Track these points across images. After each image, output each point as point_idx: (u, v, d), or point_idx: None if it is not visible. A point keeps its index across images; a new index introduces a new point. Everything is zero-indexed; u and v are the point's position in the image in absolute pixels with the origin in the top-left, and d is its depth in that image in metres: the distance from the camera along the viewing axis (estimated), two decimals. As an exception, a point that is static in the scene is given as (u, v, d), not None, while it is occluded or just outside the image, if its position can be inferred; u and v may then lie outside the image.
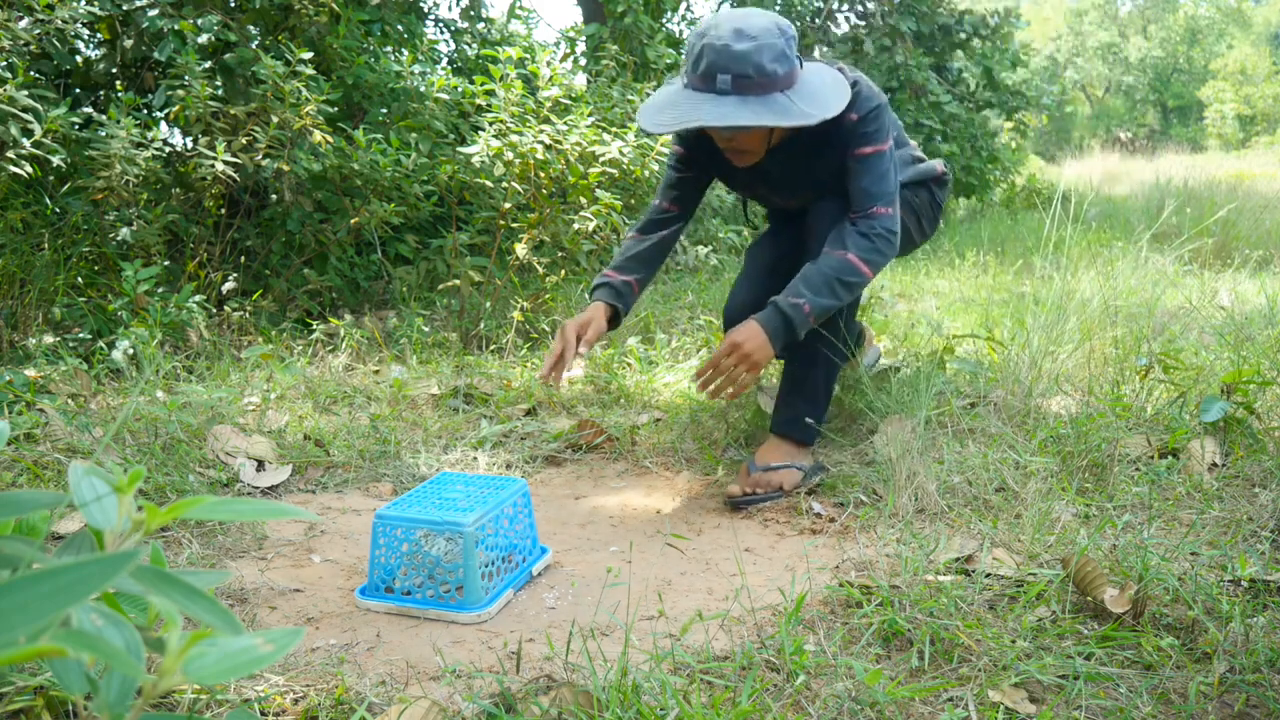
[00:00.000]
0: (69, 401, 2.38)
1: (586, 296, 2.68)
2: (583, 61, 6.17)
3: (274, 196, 3.68)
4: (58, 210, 3.38)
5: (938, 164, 2.22)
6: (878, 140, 1.88)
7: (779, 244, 2.22)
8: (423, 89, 4.09)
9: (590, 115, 4.18)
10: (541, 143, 3.86)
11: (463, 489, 1.57)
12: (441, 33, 5.36)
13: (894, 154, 1.95)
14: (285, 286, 3.63)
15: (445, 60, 5.29)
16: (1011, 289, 4.11)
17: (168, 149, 3.51)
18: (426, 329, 3.29)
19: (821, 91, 1.78)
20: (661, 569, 1.61)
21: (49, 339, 2.85)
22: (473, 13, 5.25)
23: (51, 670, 0.80)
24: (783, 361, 2.11)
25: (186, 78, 3.30)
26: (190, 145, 3.56)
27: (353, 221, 3.62)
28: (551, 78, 4.22)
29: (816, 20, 7.82)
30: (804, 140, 1.93)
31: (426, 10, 5.01)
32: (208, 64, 3.50)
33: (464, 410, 2.54)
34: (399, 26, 4.33)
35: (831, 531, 1.75)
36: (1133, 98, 30.51)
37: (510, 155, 3.78)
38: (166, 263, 3.40)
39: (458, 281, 3.56)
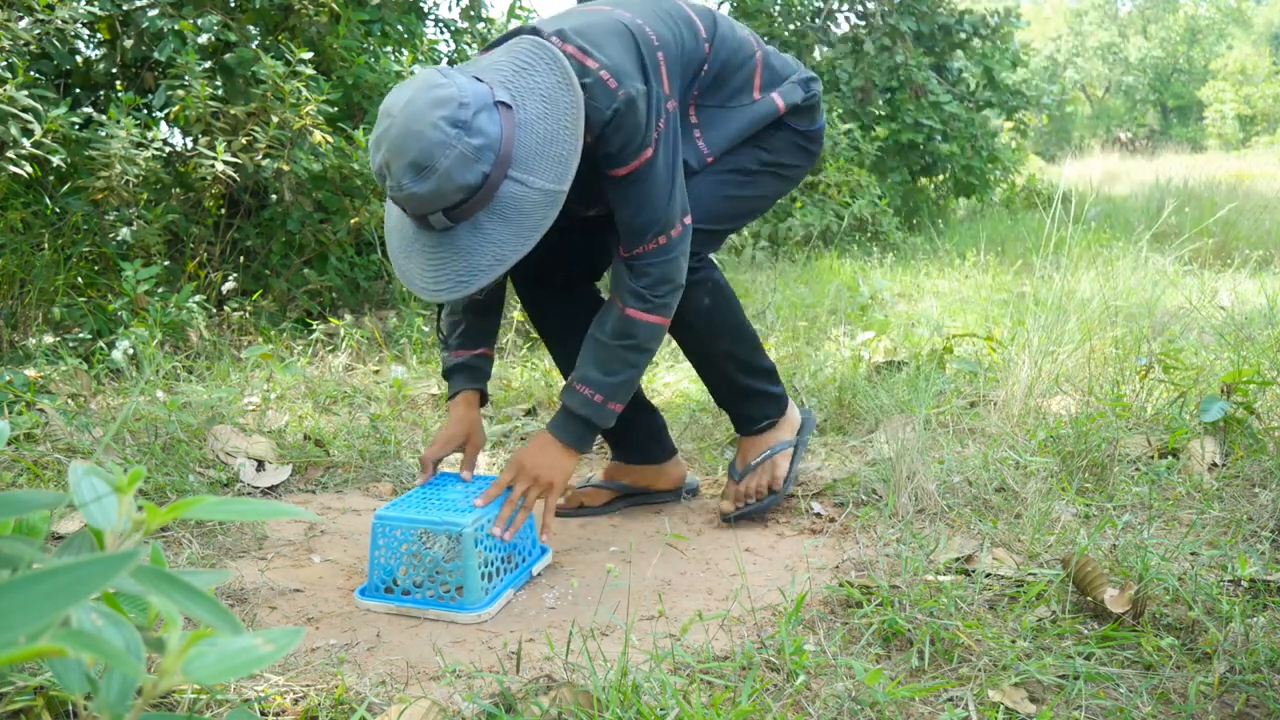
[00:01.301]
0: (69, 401, 2.38)
1: (444, 387, 2.43)
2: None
3: (274, 196, 3.68)
4: (58, 210, 3.38)
5: (776, 98, 1.70)
6: (631, 155, 1.48)
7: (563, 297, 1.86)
8: (423, 89, 4.08)
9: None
10: (541, 143, 3.85)
11: (462, 489, 1.57)
12: (441, 33, 5.36)
13: (670, 141, 1.53)
14: (285, 286, 3.62)
15: (445, 60, 5.28)
16: (1011, 289, 4.11)
17: (168, 149, 3.51)
18: (426, 329, 3.29)
19: (549, 133, 1.40)
20: (661, 569, 1.61)
21: (49, 339, 2.85)
22: (473, 13, 5.24)
23: (51, 670, 0.80)
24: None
25: (186, 78, 3.29)
26: (190, 145, 3.56)
27: (353, 221, 3.62)
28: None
29: (816, 20, 7.82)
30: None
31: (426, 10, 5.00)
32: (208, 64, 3.50)
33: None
34: (399, 26, 4.33)
35: (831, 531, 1.75)
36: (1133, 98, 30.51)
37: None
38: (166, 263, 3.40)
39: (458, 281, 3.55)
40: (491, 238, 1.38)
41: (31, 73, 3.20)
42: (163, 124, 3.59)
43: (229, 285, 3.61)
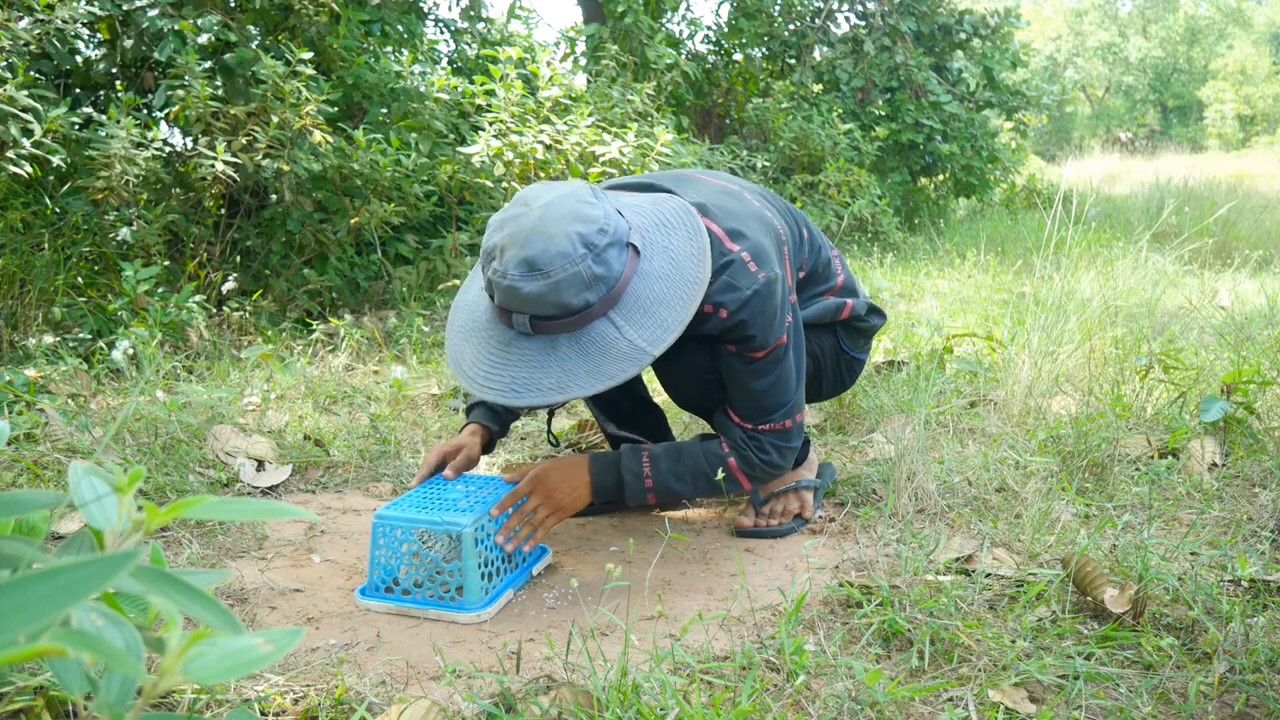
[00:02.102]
0: (69, 401, 2.38)
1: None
2: (583, 61, 6.17)
3: (274, 196, 3.68)
4: (58, 210, 3.38)
5: (848, 302, 1.76)
6: (771, 338, 1.48)
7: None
8: (423, 89, 4.09)
9: (590, 115, 4.18)
10: (541, 143, 3.86)
11: (462, 489, 1.57)
12: (441, 33, 5.36)
13: (797, 330, 1.57)
14: (285, 286, 3.63)
15: (445, 60, 5.29)
16: (1011, 289, 4.11)
17: (168, 149, 3.51)
18: (426, 329, 3.29)
19: (664, 293, 1.37)
20: (661, 569, 1.61)
21: (49, 339, 2.85)
22: (473, 13, 5.25)
23: (51, 670, 0.80)
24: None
25: (186, 78, 3.30)
26: (190, 145, 3.56)
27: (353, 221, 3.62)
28: (551, 78, 4.22)
29: (816, 20, 7.82)
30: None
31: (426, 10, 5.00)
32: (208, 64, 3.50)
33: (464, 410, 2.54)
34: (399, 26, 4.33)
35: (831, 531, 1.75)
36: (1133, 98, 30.52)
37: (510, 155, 3.78)
38: (166, 263, 3.40)
39: (458, 281, 3.56)
40: (564, 364, 1.35)
41: (31, 73, 3.21)
42: (163, 124, 3.60)
43: (229, 285, 3.61)
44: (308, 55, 3.39)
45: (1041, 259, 2.86)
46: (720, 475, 1.56)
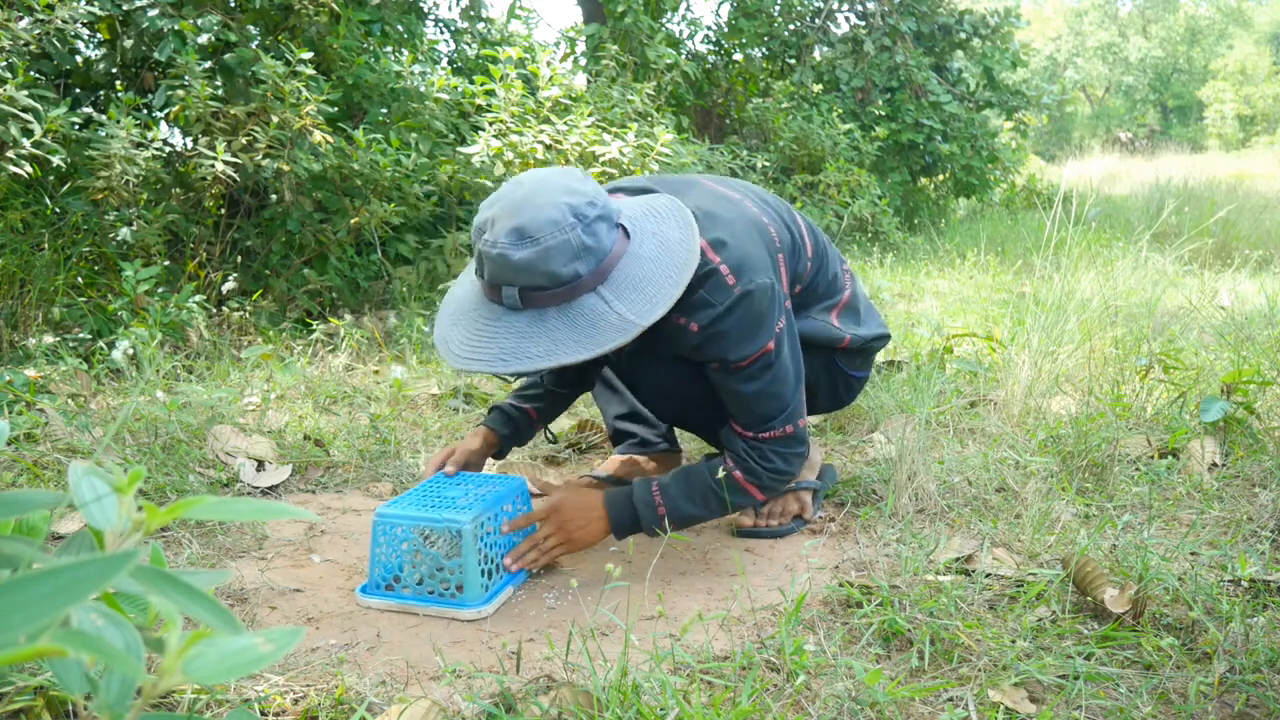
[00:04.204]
0: (69, 401, 2.38)
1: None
2: (583, 61, 6.17)
3: (274, 196, 3.68)
4: (58, 210, 3.38)
5: (846, 336, 1.73)
6: (753, 346, 1.46)
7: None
8: (423, 89, 4.09)
9: (590, 115, 4.18)
10: (541, 143, 3.86)
11: (462, 488, 1.57)
12: (441, 33, 5.36)
13: (790, 335, 1.55)
14: (285, 286, 3.63)
15: (445, 60, 5.29)
16: (1011, 289, 4.11)
17: (168, 149, 3.51)
18: (426, 329, 3.29)
19: (652, 272, 1.37)
20: (661, 569, 1.61)
21: (49, 339, 2.85)
22: (473, 13, 5.25)
23: (51, 670, 0.80)
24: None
25: (186, 78, 3.30)
26: (190, 145, 3.56)
27: (353, 221, 3.62)
28: (551, 78, 4.22)
29: (816, 20, 7.82)
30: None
31: (426, 10, 5.00)
32: (208, 64, 3.50)
33: (464, 410, 2.54)
34: (399, 26, 4.33)
35: (831, 531, 1.75)
36: (1133, 98, 30.52)
37: (510, 155, 3.78)
38: (166, 263, 3.40)
39: (458, 281, 3.56)
40: (552, 335, 1.34)
41: (31, 73, 3.21)
42: (163, 124, 3.60)
43: (229, 285, 3.61)
44: (308, 55, 3.39)
45: (1041, 259, 2.86)
46: (725, 490, 1.55)
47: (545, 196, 1.34)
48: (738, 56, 7.43)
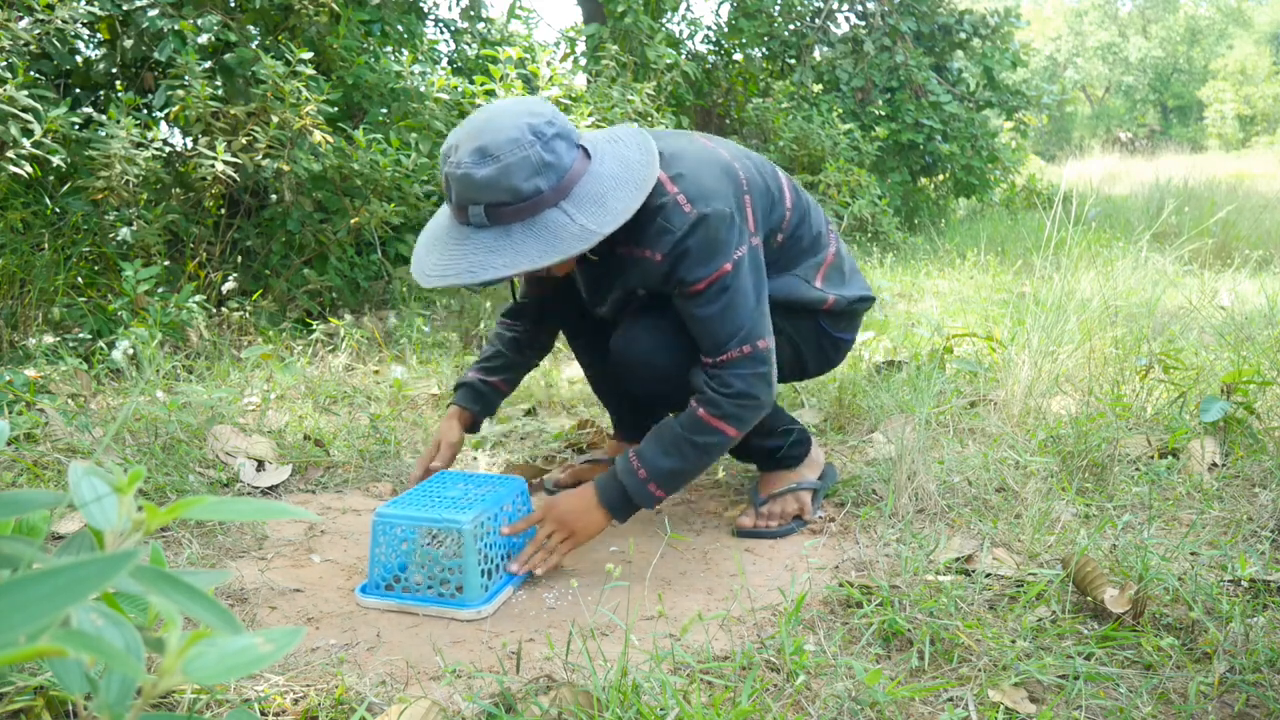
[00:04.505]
0: (69, 401, 2.38)
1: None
2: (583, 61, 6.17)
3: (274, 196, 3.68)
4: (58, 210, 3.38)
5: (830, 296, 1.73)
6: (709, 269, 1.48)
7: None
8: (423, 89, 4.09)
9: (590, 115, 4.18)
10: (541, 143, 3.85)
11: (462, 488, 1.57)
12: (441, 33, 5.36)
13: (755, 264, 1.55)
14: (285, 286, 3.62)
15: (445, 60, 5.29)
16: (1011, 289, 4.11)
17: (168, 149, 3.51)
18: (426, 329, 3.29)
19: (613, 188, 1.43)
20: (661, 569, 1.61)
21: (49, 339, 2.85)
22: (473, 13, 5.25)
23: (51, 670, 0.80)
24: None
25: (186, 78, 3.29)
26: (190, 145, 3.56)
27: (353, 221, 3.62)
28: (551, 78, 4.22)
29: (816, 20, 7.82)
30: (613, 250, 1.56)
31: (426, 10, 5.00)
32: (208, 64, 3.50)
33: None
34: (399, 26, 4.33)
35: (831, 531, 1.75)
36: (1133, 98, 30.52)
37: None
38: (166, 263, 3.40)
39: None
40: (517, 246, 1.39)
41: (31, 73, 3.21)
42: (163, 124, 3.59)
43: (229, 285, 3.61)
44: (308, 55, 3.39)
45: (1041, 259, 2.86)
46: (692, 432, 1.53)
47: (505, 119, 1.40)
48: (738, 56, 7.43)
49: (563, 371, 2.95)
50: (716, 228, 1.48)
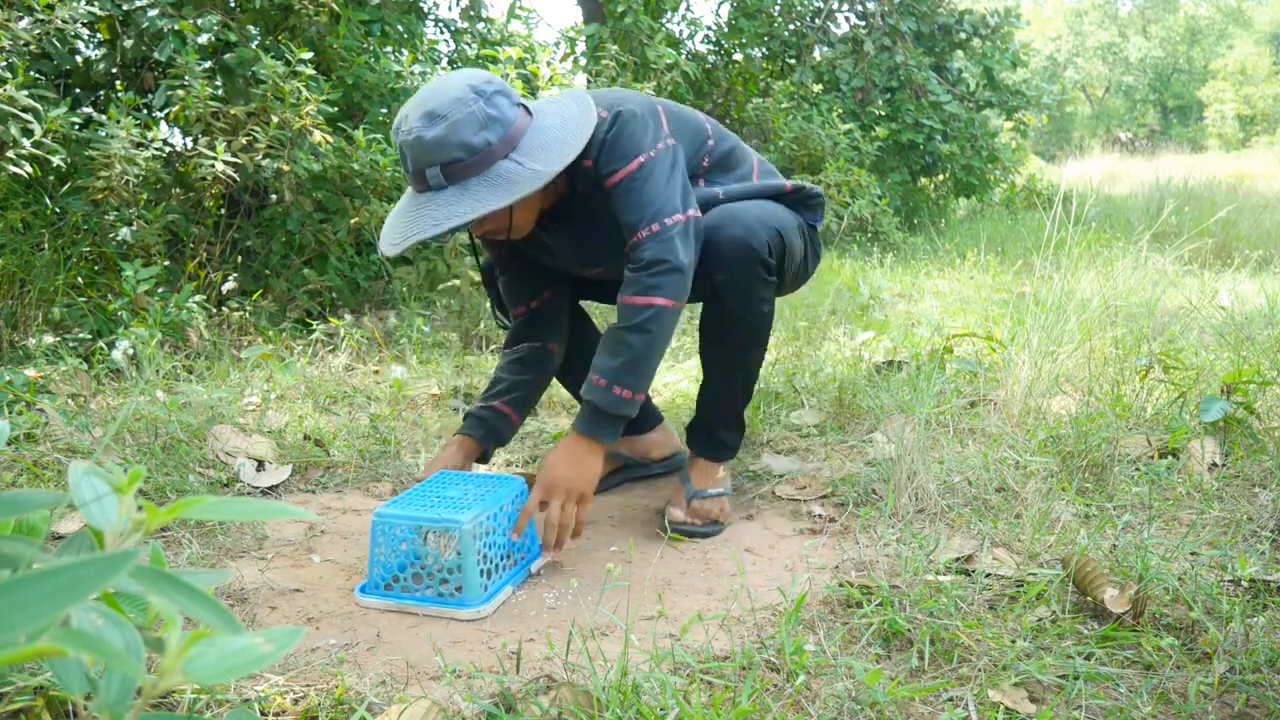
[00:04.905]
0: (69, 401, 2.38)
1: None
2: (583, 61, 6.17)
3: (274, 196, 3.68)
4: (58, 210, 3.38)
5: (785, 184, 1.83)
6: (628, 159, 1.59)
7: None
8: (423, 89, 4.08)
9: (590, 115, 4.17)
10: (541, 143, 3.85)
11: (461, 488, 1.58)
12: (441, 33, 5.36)
13: (670, 155, 1.64)
14: (285, 286, 3.62)
15: (445, 60, 5.28)
16: (1011, 289, 4.11)
17: (168, 149, 3.51)
18: (426, 329, 3.29)
19: (557, 136, 1.53)
20: (661, 569, 1.61)
21: (49, 339, 2.85)
22: (473, 13, 5.25)
23: (51, 670, 0.80)
24: (701, 365, 1.86)
25: (186, 78, 3.29)
26: (190, 145, 3.56)
27: (353, 221, 3.62)
28: (551, 78, 4.22)
29: (816, 20, 7.82)
30: (573, 202, 1.68)
31: (426, 10, 5.00)
32: (208, 64, 3.50)
33: (464, 410, 2.54)
34: (399, 26, 4.33)
35: (831, 531, 1.75)
36: (1133, 98, 30.52)
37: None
38: (166, 263, 3.40)
39: (458, 281, 3.56)
40: (476, 196, 1.48)
41: (31, 73, 3.20)
42: (163, 124, 3.59)
43: (229, 285, 3.61)
44: (308, 55, 3.39)
45: (1041, 259, 2.86)
46: (625, 320, 1.57)
47: (447, 84, 1.50)
48: (738, 56, 7.43)
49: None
50: (629, 123, 1.60)
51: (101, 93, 3.83)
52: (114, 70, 3.75)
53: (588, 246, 1.75)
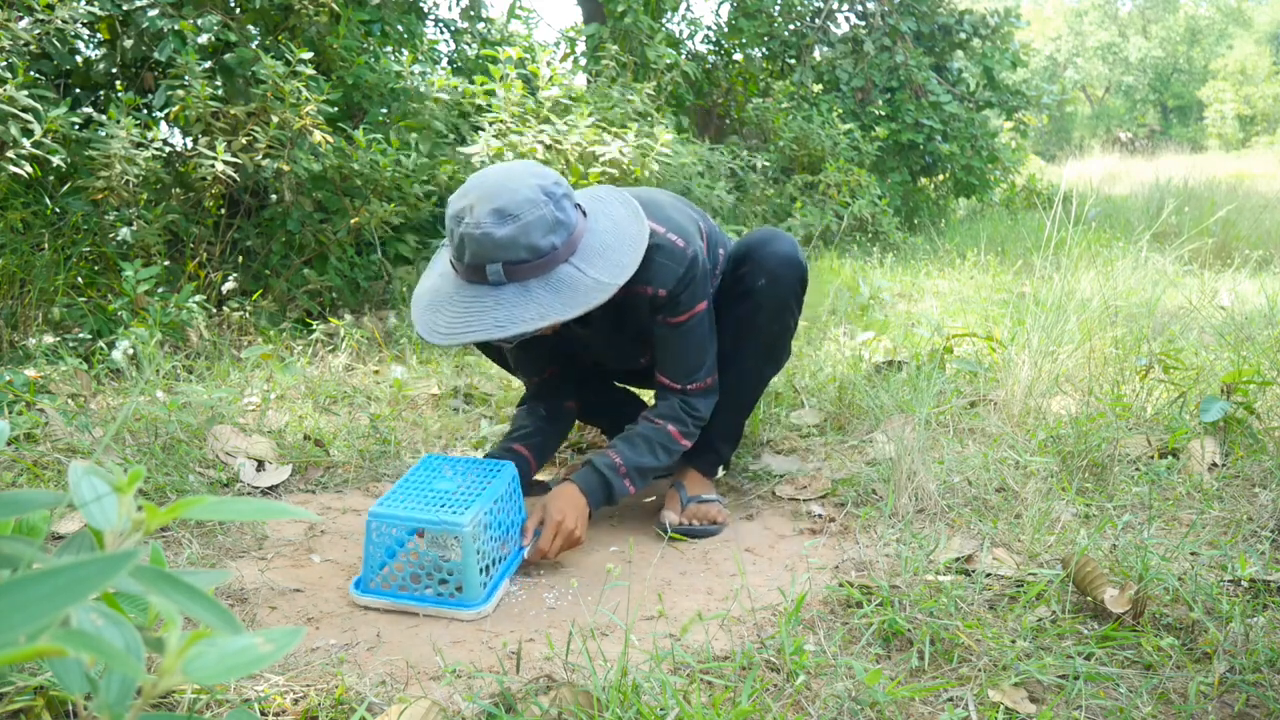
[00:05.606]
0: (69, 401, 2.38)
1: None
2: (583, 61, 6.17)
3: (274, 196, 3.68)
4: (58, 210, 3.38)
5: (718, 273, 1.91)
6: (691, 304, 1.67)
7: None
8: (423, 89, 4.09)
9: (590, 115, 4.18)
10: (541, 143, 3.86)
11: (451, 476, 1.57)
12: (441, 33, 5.36)
13: (712, 303, 1.76)
14: (285, 286, 3.62)
15: (445, 60, 5.29)
16: (1011, 289, 4.11)
17: (168, 149, 3.51)
18: (426, 329, 3.28)
19: (611, 243, 1.55)
20: (661, 569, 1.61)
21: (49, 339, 2.85)
22: (473, 13, 5.25)
23: (51, 670, 0.80)
24: None
25: (186, 78, 3.29)
26: (190, 145, 3.56)
27: (353, 221, 3.62)
28: (551, 78, 4.22)
29: (816, 20, 7.82)
30: (622, 309, 1.70)
31: (426, 10, 5.00)
32: (208, 64, 3.50)
33: (464, 410, 2.54)
34: (399, 26, 4.33)
35: (831, 531, 1.75)
36: (1133, 98, 30.51)
37: (510, 155, 3.78)
38: (166, 263, 3.40)
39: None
40: (539, 300, 1.46)
41: (31, 73, 3.20)
42: (163, 124, 3.59)
43: (229, 285, 3.61)
44: (308, 55, 3.39)
45: (1041, 259, 2.86)
46: (660, 439, 1.73)
47: (517, 180, 1.48)
48: (738, 56, 7.43)
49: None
50: (699, 264, 1.67)
51: (101, 93, 3.83)
52: (114, 70, 3.75)
53: (621, 346, 1.84)
